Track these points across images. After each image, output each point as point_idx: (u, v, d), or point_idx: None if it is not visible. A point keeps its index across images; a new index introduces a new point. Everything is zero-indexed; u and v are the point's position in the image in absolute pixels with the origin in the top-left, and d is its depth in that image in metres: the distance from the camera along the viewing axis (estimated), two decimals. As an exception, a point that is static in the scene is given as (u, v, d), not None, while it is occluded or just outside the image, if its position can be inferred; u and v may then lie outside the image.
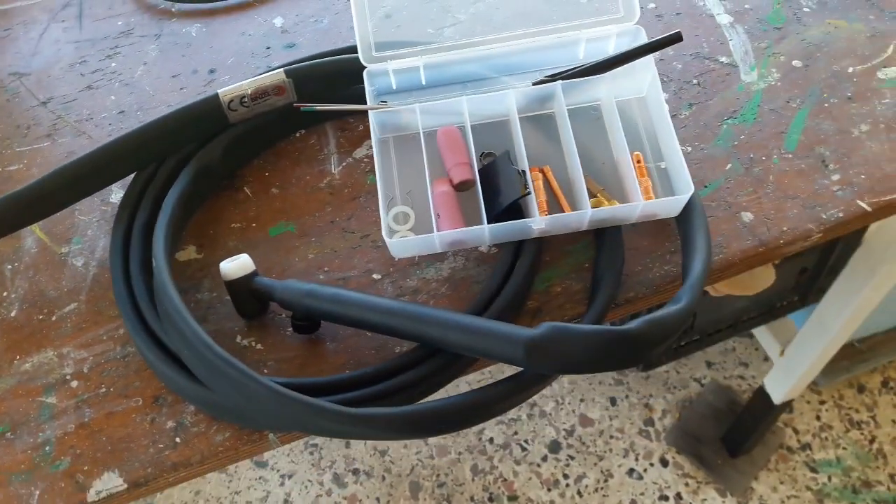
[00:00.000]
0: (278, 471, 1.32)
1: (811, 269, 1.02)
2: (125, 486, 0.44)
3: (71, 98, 0.62)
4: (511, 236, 0.47)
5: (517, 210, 0.48)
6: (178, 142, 0.53)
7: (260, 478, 1.32)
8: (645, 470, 1.31)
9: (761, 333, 1.13)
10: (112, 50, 0.64)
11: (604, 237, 0.49)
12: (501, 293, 0.47)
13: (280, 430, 0.44)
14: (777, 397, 1.08)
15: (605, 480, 1.30)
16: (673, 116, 0.55)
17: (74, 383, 0.47)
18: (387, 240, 0.46)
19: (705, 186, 0.53)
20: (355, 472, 1.32)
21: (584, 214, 0.46)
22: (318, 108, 0.49)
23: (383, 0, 0.56)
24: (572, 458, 1.33)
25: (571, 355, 0.40)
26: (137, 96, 0.61)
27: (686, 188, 0.46)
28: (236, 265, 0.47)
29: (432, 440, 1.35)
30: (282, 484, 1.31)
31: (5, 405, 0.47)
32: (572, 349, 0.40)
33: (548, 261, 0.51)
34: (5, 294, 0.51)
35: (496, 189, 0.47)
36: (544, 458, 1.33)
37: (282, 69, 0.53)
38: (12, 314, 0.50)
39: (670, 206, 0.47)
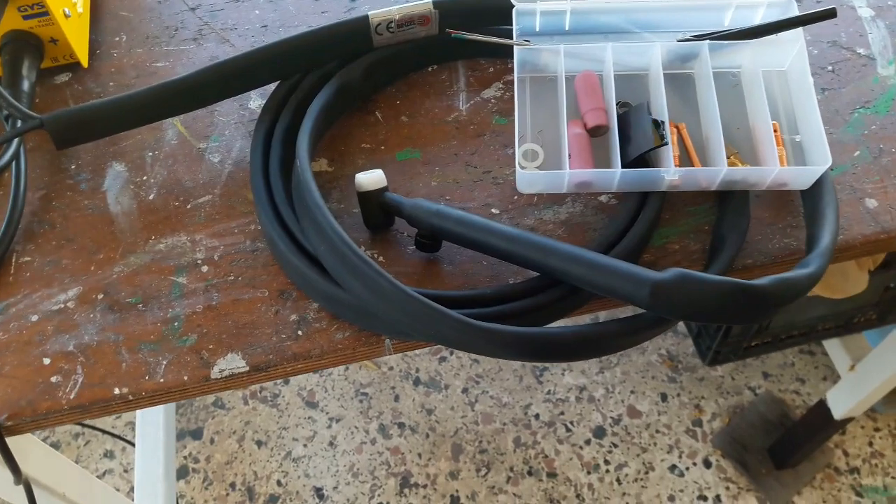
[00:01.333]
0: (327, 413, 1.36)
1: None
2: (247, 368, 0.46)
3: (217, 8, 0.64)
4: (640, 185, 0.48)
5: (645, 164, 0.49)
6: (323, 57, 0.55)
7: (309, 417, 1.36)
8: (687, 468, 1.31)
9: (832, 346, 1.11)
10: (258, -32, 0.67)
11: (729, 200, 0.49)
12: (622, 241, 0.48)
13: (402, 335, 0.46)
14: (838, 413, 1.07)
15: (646, 472, 1.30)
16: (808, 96, 0.55)
17: (205, 268, 0.50)
18: (518, 171, 0.47)
19: (832, 169, 0.53)
20: (401, 425, 1.35)
21: (718, 172, 0.47)
22: (469, 36, 0.50)
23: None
24: (615, 445, 1.33)
25: (697, 302, 0.41)
26: (280, 13, 0.63)
27: (823, 160, 0.46)
28: (371, 178, 0.49)
29: (479, 407, 1.36)
30: (329, 426, 1.35)
31: (139, 279, 0.50)
32: (699, 296, 0.41)
33: (667, 218, 0.51)
34: (144, 178, 0.54)
35: (630, 138, 0.48)
36: (587, 442, 1.33)
37: (430, 0, 0.54)
38: (150, 197, 0.53)
39: (804, 177, 0.47)
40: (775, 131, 0.49)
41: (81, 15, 0.60)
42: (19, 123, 0.53)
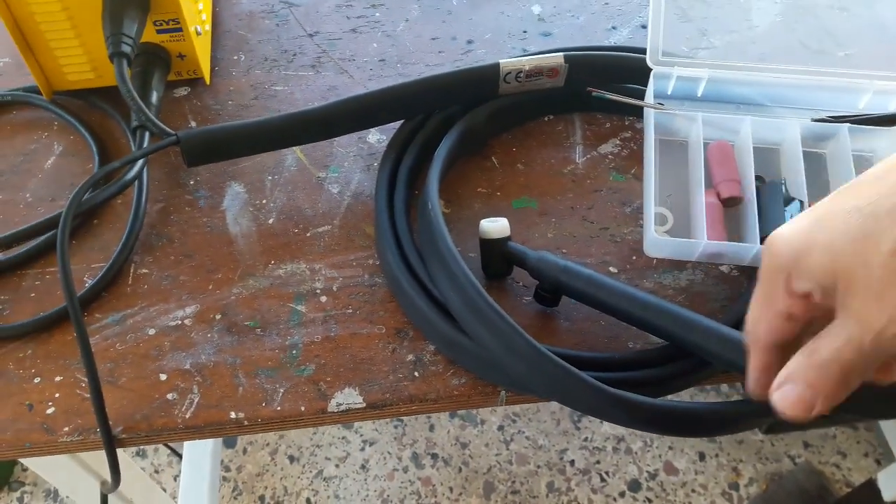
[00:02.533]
0: (361, 435, 1.35)
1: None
2: (363, 404, 0.46)
3: (336, 37, 0.65)
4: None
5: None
6: (451, 100, 0.55)
7: (343, 437, 1.35)
8: (720, 531, 1.29)
9: (888, 426, 1.09)
10: (377, 0, 0.67)
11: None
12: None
13: (524, 389, 0.46)
14: (888, 495, 1.05)
15: (678, 531, 1.28)
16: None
17: (323, 298, 0.50)
18: (649, 234, 0.47)
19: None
20: (434, 456, 1.34)
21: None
22: (609, 96, 0.50)
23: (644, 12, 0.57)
24: (650, 501, 1.31)
25: (857, 397, 0.40)
26: (398, 49, 0.64)
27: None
28: (497, 226, 0.49)
29: (514, 446, 1.35)
30: (362, 449, 1.34)
31: (257, 303, 0.50)
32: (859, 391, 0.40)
33: (786, 294, 0.51)
34: (265, 202, 0.55)
35: (764, 213, 0.48)
36: (622, 494, 1.31)
37: (561, 53, 0.55)
38: (269, 221, 0.54)
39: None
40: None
41: (207, 32, 0.61)
42: (147, 135, 0.54)
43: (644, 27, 0.67)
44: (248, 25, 0.66)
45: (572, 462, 1.34)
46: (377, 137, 0.58)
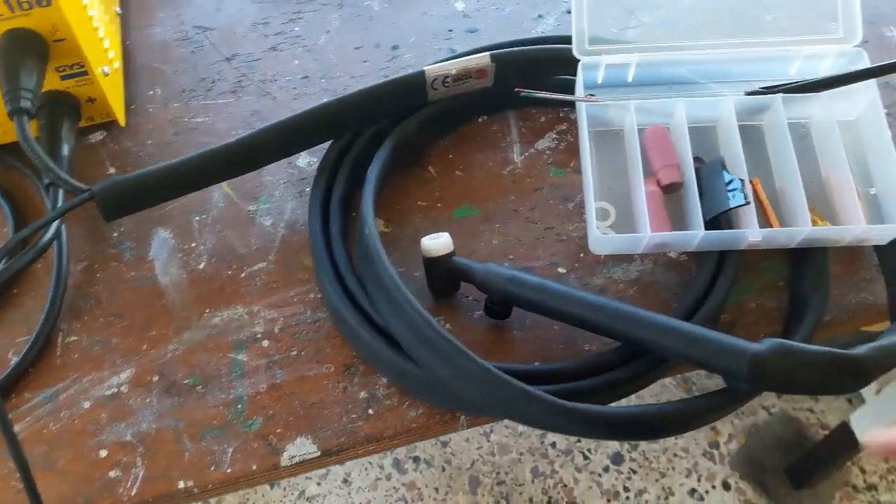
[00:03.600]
0: (341, 448, 1.33)
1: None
2: (318, 453, 0.44)
3: (255, 58, 0.62)
4: (720, 246, 0.47)
5: (719, 222, 0.47)
6: (378, 114, 0.53)
7: (322, 453, 1.33)
8: (707, 492, 1.30)
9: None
10: (295, 14, 0.64)
11: (806, 257, 0.48)
12: (703, 306, 0.46)
13: (481, 412, 0.44)
14: (861, 435, 1.06)
15: (666, 498, 1.29)
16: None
17: (265, 343, 0.47)
18: (592, 233, 0.45)
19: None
20: (416, 459, 1.32)
21: (801, 232, 0.45)
22: (539, 95, 0.48)
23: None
24: (634, 472, 1.31)
25: (797, 375, 0.39)
26: (321, 63, 0.61)
27: (907, 218, 0.45)
28: (438, 243, 0.47)
29: (494, 437, 1.34)
30: (342, 463, 1.32)
31: (195, 358, 0.47)
32: (799, 369, 0.39)
33: (740, 275, 0.50)
34: (194, 245, 0.52)
35: (705, 196, 0.47)
36: (606, 469, 1.32)
37: (487, 53, 0.53)
38: (200, 266, 0.51)
39: (887, 233, 0.46)
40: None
41: (117, 70, 0.58)
42: (61, 192, 0.50)
43: (569, 13, 0.65)
44: (163, 56, 0.62)
45: (553, 444, 1.34)
46: (307, 160, 0.56)
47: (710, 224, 0.47)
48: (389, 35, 0.63)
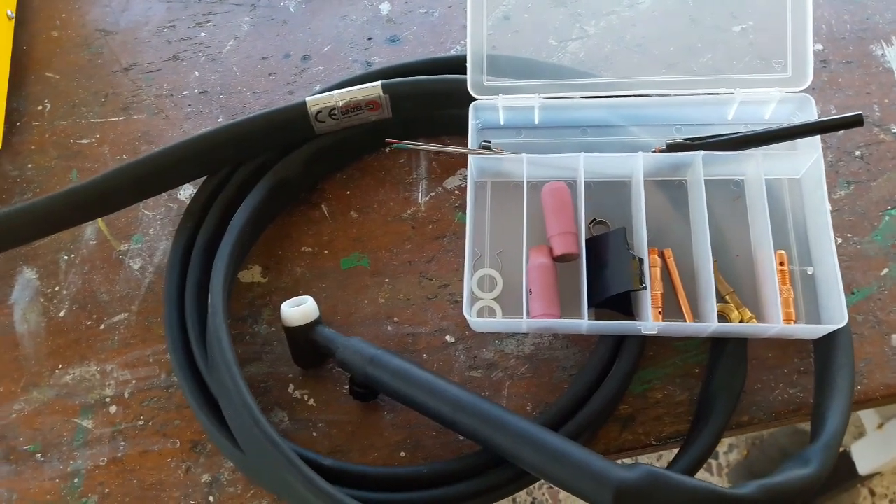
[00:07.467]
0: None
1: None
2: (148, 542, 0.40)
3: (154, 68, 0.56)
4: (612, 333, 0.40)
5: (622, 299, 0.41)
6: (257, 149, 0.47)
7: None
8: (701, 497, 1.24)
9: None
10: (204, 17, 0.58)
11: (724, 346, 0.41)
12: (593, 398, 0.40)
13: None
14: (863, 469, 0.99)
15: None
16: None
17: (113, 408, 0.44)
18: (467, 316, 0.40)
19: (852, 293, 0.44)
20: None
21: (706, 327, 0.38)
22: (412, 146, 0.42)
23: None
24: (626, 470, 1.27)
25: None
26: (222, 75, 0.56)
27: (837, 318, 0.37)
28: (299, 312, 0.42)
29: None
30: None
31: (40, 420, 0.44)
32: (669, 505, 0.33)
33: (651, 356, 0.43)
34: (58, 289, 0.48)
35: (604, 269, 0.40)
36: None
37: (379, 83, 0.46)
38: (61, 314, 0.47)
39: (812, 334, 0.39)
40: (781, 264, 0.40)
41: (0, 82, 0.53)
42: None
43: (507, 18, 0.57)
44: (58, 64, 0.58)
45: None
46: (190, 193, 0.51)
47: (610, 302, 0.40)
48: (302, 43, 0.56)
